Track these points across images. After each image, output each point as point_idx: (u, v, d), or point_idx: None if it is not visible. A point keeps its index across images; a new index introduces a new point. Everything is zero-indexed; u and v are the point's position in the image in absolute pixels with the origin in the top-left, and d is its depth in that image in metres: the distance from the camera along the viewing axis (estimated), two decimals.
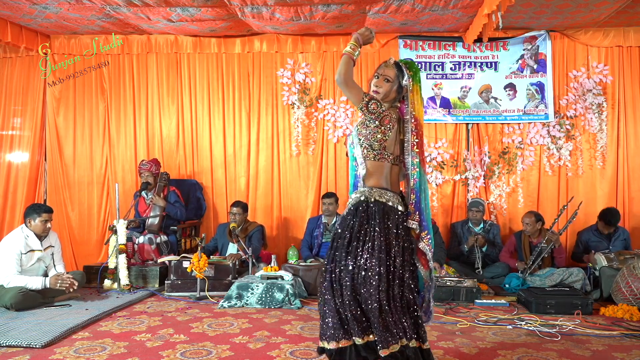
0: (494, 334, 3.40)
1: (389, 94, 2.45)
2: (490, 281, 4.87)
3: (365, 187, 2.43)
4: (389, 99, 2.46)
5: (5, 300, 3.89)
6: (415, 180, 2.44)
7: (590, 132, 5.64)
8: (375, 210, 2.37)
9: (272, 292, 4.19)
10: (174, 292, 4.57)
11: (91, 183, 5.96)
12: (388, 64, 2.46)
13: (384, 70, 2.44)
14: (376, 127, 2.39)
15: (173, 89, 5.96)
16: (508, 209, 5.72)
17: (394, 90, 2.45)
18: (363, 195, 2.41)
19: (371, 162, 2.43)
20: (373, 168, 2.43)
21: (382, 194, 2.40)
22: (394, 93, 2.46)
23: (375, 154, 2.42)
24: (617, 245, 4.95)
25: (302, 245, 5.34)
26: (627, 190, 5.61)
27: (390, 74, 2.43)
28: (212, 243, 5.38)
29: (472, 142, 5.80)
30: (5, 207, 5.92)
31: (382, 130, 2.38)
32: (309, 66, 5.85)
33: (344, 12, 4.93)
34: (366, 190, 2.42)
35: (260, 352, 3.03)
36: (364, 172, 2.43)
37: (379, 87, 2.43)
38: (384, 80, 2.43)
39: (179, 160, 5.97)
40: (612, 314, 3.89)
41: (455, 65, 5.77)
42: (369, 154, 2.42)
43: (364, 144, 2.42)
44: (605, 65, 5.64)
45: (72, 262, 5.77)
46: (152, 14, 5.04)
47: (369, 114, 2.38)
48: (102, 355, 2.98)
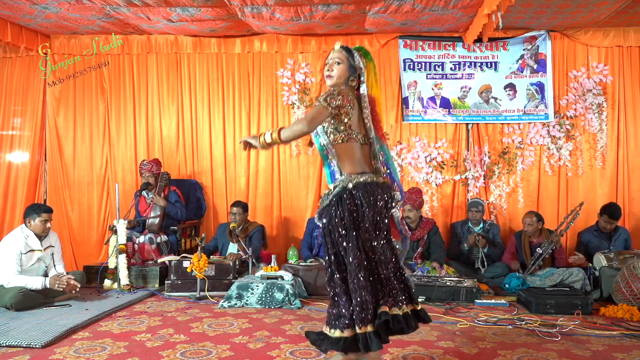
0: (494, 334, 3.39)
1: (342, 75, 2.47)
2: (490, 281, 4.86)
3: (342, 176, 2.42)
4: (343, 80, 2.48)
5: (5, 300, 3.89)
6: (381, 153, 2.53)
7: (590, 132, 5.64)
8: (361, 195, 2.37)
9: (272, 292, 4.19)
10: (174, 292, 4.57)
11: (91, 183, 5.96)
12: (335, 49, 2.50)
13: (332, 55, 2.49)
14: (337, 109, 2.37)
15: (173, 89, 5.96)
16: (508, 209, 5.73)
17: (346, 70, 2.47)
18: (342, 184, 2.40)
19: (340, 146, 2.42)
20: (344, 151, 2.42)
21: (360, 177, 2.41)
22: (346, 72, 2.48)
23: (342, 136, 2.41)
24: (618, 245, 4.95)
25: (302, 245, 5.33)
26: (627, 190, 5.62)
27: (340, 57, 2.47)
28: (212, 243, 5.38)
29: (472, 142, 5.80)
30: (5, 207, 5.92)
31: (344, 110, 2.38)
32: (309, 66, 5.85)
33: (344, 12, 4.93)
34: (344, 178, 2.41)
35: (260, 352, 3.03)
36: (336, 158, 2.42)
37: (331, 71, 2.45)
38: (334, 64, 2.46)
39: (179, 160, 5.97)
40: (612, 314, 3.89)
41: (455, 65, 5.77)
42: (336, 138, 2.41)
43: (328, 129, 2.42)
44: (605, 65, 5.64)
45: (72, 262, 5.77)
46: (152, 14, 5.04)
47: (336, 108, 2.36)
48: (102, 355, 2.98)
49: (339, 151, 2.41)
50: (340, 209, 2.37)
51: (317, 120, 2.30)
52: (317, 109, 2.31)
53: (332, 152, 2.42)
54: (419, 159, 5.76)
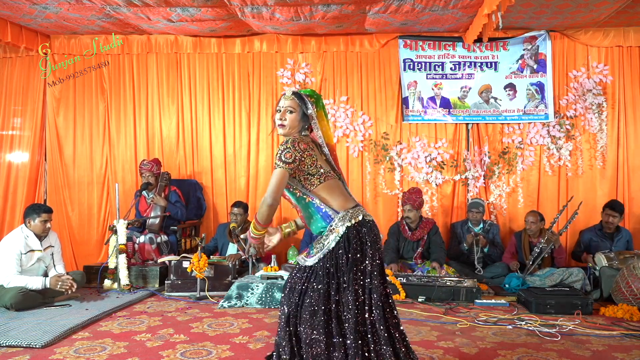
0: (494, 334, 3.40)
1: (294, 123, 2.30)
2: (490, 281, 4.87)
3: (340, 213, 2.22)
4: (296, 129, 2.31)
5: (5, 300, 3.89)
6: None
7: (590, 132, 5.64)
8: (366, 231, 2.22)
9: (272, 292, 4.19)
10: (174, 292, 4.57)
11: (91, 183, 5.96)
12: (287, 97, 2.32)
13: (284, 103, 2.31)
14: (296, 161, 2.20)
15: (173, 89, 5.96)
16: (508, 209, 5.73)
17: (299, 119, 2.31)
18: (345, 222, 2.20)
19: (320, 187, 2.25)
20: (326, 191, 2.25)
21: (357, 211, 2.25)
22: (299, 122, 2.31)
23: (317, 177, 2.24)
24: (619, 245, 4.95)
25: (302, 246, 5.33)
26: (627, 190, 5.61)
27: (292, 105, 2.30)
28: (212, 243, 5.39)
29: (472, 142, 5.80)
30: (5, 207, 5.92)
31: (307, 154, 2.22)
32: (309, 66, 5.85)
33: (344, 12, 4.93)
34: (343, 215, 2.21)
35: (260, 352, 3.03)
36: (322, 200, 2.24)
37: (284, 120, 2.29)
38: (287, 112, 2.29)
39: (179, 160, 5.97)
40: (612, 314, 3.89)
41: (455, 65, 5.77)
42: (312, 182, 2.25)
43: (301, 178, 2.24)
44: (605, 65, 5.64)
45: (72, 262, 5.76)
46: (152, 14, 5.03)
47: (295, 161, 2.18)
48: (102, 355, 2.98)
49: (322, 193, 2.25)
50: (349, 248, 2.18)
51: (278, 187, 2.15)
52: (275, 176, 2.16)
53: (315, 197, 2.25)
54: (419, 159, 5.76)
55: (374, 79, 5.84)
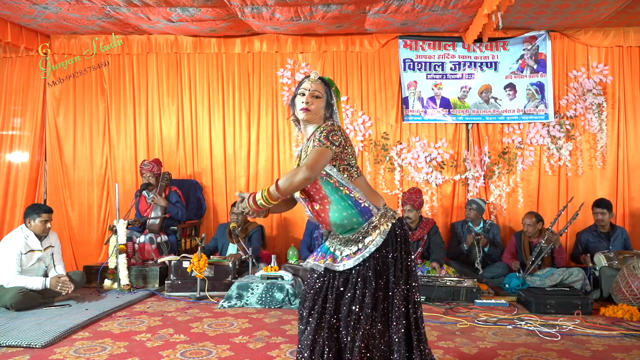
0: (494, 334, 3.40)
1: (319, 110, 2.10)
2: (490, 281, 4.87)
3: (382, 210, 2.08)
4: (319, 116, 2.11)
5: (5, 300, 3.89)
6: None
7: (590, 132, 5.64)
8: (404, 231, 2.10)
9: (272, 292, 4.19)
10: (174, 292, 4.57)
11: (91, 183, 5.96)
12: (313, 80, 2.12)
13: (310, 85, 2.10)
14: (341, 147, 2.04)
15: (173, 89, 5.96)
16: (508, 209, 5.73)
17: (323, 107, 2.12)
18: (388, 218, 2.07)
19: (358, 180, 2.08)
20: (363, 185, 2.09)
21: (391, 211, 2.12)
22: (323, 109, 2.12)
23: (355, 170, 2.09)
24: (617, 245, 4.95)
25: (302, 246, 5.33)
26: (627, 190, 5.61)
27: (319, 89, 2.11)
28: (212, 243, 5.39)
29: (472, 142, 5.80)
30: (5, 207, 5.92)
31: (349, 143, 2.08)
32: (309, 66, 5.85)
33: (344, 12, 4.93)
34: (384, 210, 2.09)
35: (260, 352, 3.03)
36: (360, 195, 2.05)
37: (310, 104, 2.07)
38: (312, 97, 2.08)
39: (179, 160, 5.97)
40: (612, 314, 3.89)
41: (455, 65, 5.77)
42: (351, 174, 2.07)
43: (341, 167, 2.04)
44: (605, 65, 5.64)
45: (72, 262, 5.76)
46: (152, 14, 5.03)
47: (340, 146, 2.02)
48: (102, 355, 2.98)
49: (360, 186, 2.07)
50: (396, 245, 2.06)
51: (320, 164, 1.94)
52: (319, 153, 1.95)
53: (354, 190, 2.05)
54: (419, 159, 5.76)
55: (374, 79, 5.85)
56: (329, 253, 2.15)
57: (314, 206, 2.12)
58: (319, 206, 2.10)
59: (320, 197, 2.08)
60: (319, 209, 2.11)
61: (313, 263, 2.15)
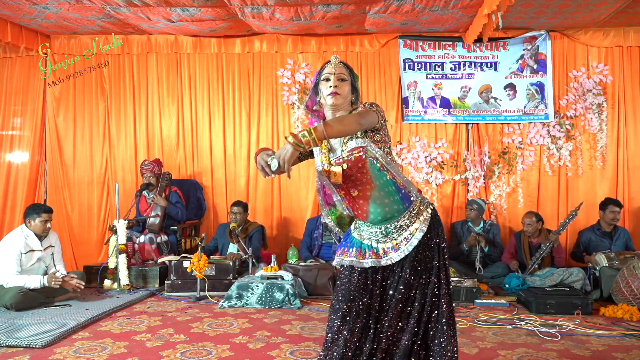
0: (494, 334, 3.39)
1: (347, 94, 1.98)
2: (490, 281, 4.87)
3: (420, 197, 2.03)
4: (347, 101, 2.00)
5: (5, 300, 3.89)
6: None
7: (590, 132, 5.64)
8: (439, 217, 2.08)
9: (272, 292, 4.19)
10: (174, 292, 4.57)
11: (91, 183, 5.96)
12: (336, 63, 2.00)
13: (333, 69, 1.98)
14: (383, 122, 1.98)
15: (173, 89, 5.96)
16: (508, 209, 5.72)
17: (349, 90, 1.99)
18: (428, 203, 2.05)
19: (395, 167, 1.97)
20: (398, 172, 1.98)
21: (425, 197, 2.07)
22: (350, 94, 2.00)
23: (392, 155, 2.00)
24: (619, 245, 4.95)
25: (302, 246, 5.34)
26: (627, 190, 5.61)
27: (344, 72, 1.99)
28: (212, 243, 5.39)
29: (472, 142, 5.80)
30: (5, 207, 5.92)
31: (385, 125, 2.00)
32: (309, 66, 5.85)
33: (344, 12, 4.93)
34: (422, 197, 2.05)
35: (260, 352, 3.03)
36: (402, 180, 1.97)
37: (339, 87, 1.95)
38: (339, 80, 1.96)
39: (179, 160, 5.97)
40: (612, 314, 3.89)
41: (455, 65, 5.77)
42: (392, 157, 1.99)
43: (384, 149, 1.95)
44: (605, 65, 5.64)
45: (72, 262, 5.76)
46: (152, 14, 5.03)
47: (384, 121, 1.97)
48: (102, 355, 2.98)
49: (396, 171, 1.97)
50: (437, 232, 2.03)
51: (369, 121, 1.88)
52: (366, 111, 1.89)
53: (396, 175, 1.96)
54: (419, 159, 5.76)
55: (374, 79, 5.84)
56: (367, 247, 2.02)
57: (350, 192, 1.99)
58: (358, 192, 1.98)
59: (363, 182, 1.96)
60: (356, 195, 1.99)
61: (351, 260, 2.01)
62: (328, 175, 1.98)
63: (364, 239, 2.05)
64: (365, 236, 2.04)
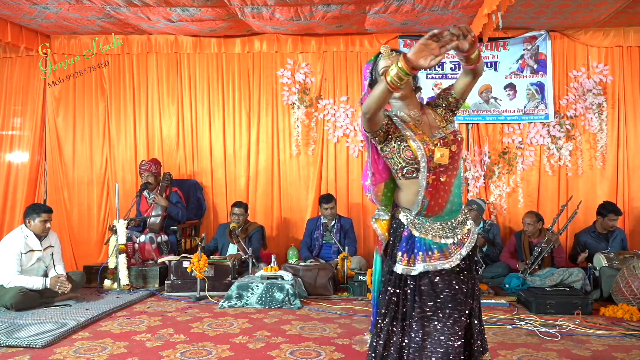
0: (494, 334, 3.39)
1: (410, 81, 1.91)
2: (490, 281, 4.86)
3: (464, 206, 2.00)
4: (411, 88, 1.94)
5: (5, 300, 3.89)
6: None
7: (590, 132, 5.64)
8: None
9: (272, 292, 4.19)
10: (174, 292, 4.57)
11: (91, 183, 5.96)
12: (389, 54, 1.89)
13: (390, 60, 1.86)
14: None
15: (173, 89, 5.96)
16: (508, 209, 5.72)
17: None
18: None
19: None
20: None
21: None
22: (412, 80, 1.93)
23: None
24: (615, 245, 4.95)
25: (302, 246, 5.34)
26: (627, 190, 5.61)
27: None
28: (212, 243, 5.39)
29: (472, 142, 5.80)
30: (5, 207, 5.92)
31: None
32: (309, 66, 5.85)
33: (344, 12, 4.93)
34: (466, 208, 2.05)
35: (260, 352, 3.03)
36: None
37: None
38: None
39: (179, 160, 5.97)
40: (612, 314, 3.89)
41: (455, 65, 5.77)
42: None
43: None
44: (605, 65, 5.64)
45: (72, 262, 5.76)
46: (152, 14, 5.03)
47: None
48: (102, 355, 2.98)
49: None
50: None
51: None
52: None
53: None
54: None
55: None
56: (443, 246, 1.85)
57: (440, 177, 1.84)
58: (446, 177, 1.84)
59: (454, 167, 1.87)
60: (444, 180, 1.85)
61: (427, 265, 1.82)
62: (431, 155, 1.83)
63: (429, 236, 1.87)
64: (431, 233, 1.87)
